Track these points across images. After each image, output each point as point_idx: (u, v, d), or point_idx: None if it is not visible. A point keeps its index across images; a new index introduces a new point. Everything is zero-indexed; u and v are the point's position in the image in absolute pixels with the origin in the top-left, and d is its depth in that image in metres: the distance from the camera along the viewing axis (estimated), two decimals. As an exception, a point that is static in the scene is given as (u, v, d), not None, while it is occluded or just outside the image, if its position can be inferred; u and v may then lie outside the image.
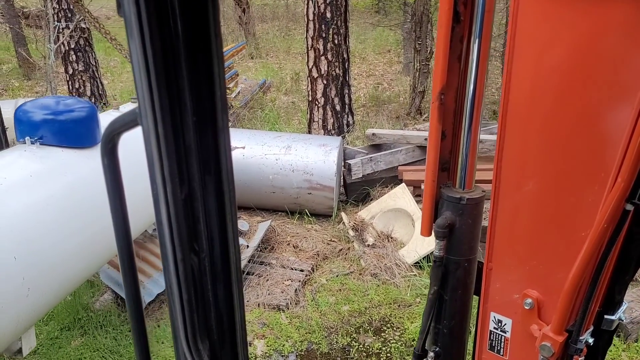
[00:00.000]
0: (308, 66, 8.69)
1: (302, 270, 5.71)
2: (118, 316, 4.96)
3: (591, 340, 1.59)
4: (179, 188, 0.79)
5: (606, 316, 1.61)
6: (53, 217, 3.67)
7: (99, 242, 4.01)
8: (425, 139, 6.77)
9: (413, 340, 4.69)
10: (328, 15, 8.28)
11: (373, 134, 7.40)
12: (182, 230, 0.82)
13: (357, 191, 7.00)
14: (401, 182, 6.60)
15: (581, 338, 1.56)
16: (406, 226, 6.15)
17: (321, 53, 8.47)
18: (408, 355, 4.60)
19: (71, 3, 8.84)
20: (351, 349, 4.68)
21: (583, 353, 1.60)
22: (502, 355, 1.80)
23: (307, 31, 8.51)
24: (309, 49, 8.57)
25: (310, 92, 8.83)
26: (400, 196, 6.36)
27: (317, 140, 6.99)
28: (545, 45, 1.41)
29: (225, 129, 0.79)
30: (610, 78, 1.35)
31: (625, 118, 1.33)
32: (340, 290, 5.47)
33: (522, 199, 1.57)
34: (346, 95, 8.84)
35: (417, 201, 6.18)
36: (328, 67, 8.53)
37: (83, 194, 3.90)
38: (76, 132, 4.10)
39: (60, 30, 9.81)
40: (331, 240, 6.37)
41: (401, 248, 5.97)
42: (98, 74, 10.86)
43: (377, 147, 7.40)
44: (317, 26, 8.35)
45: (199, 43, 0.72)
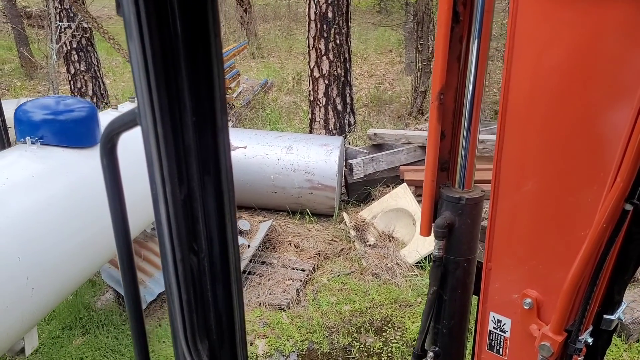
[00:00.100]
0: (310, 66, 8.69)
1: (304, 270, 5.71)
2: (119, 315, 4.97)
3: (590, 340, 1.59)
4: (178, 188, 0.80)
5: (605, 316, 1.61)
6: (55, 217, 3.69)
7: (100, 241, 4.02)
8: (426, 139, 6.77)
9: (414, 340, 4.69)
10: (330, 15, 8.28)
11: (374, 134, 7.40)
12: (182, 230, 0.82)
13: (359, 191, 7.00)
14: (402, 182, 6.60)
15: (580, 338, 1.56)
16: (407, 226, 6.16)
17: (323, 53, 8.47)
18: (409, 355, 4.60)
19: (70, 3, 8.85)
20: (352, 349, 4.68)
21: (582, 353, 1.60)
22: (502, 355, 1.81)
23: (309, 31, 8.51)
24: (311, 49, 8.57)
25: (311, 92, 8.83)
26: (401, 196, 6.36)
27: (319, 140, 7.00)
28: (544, 45, 1.41)
29: (224, 129, 0.80)
30: (609, 78, 1.35)
31: (624, 118, 1.33)
32: (341, 290, 5.47)
33: (522, 199, 1.58)
34: (348, 95, 8.84)
35: (419, 201, 6.17)
36: (330, 67, 8.53)
37: (84, 194, 3.91)
38: (76, 132, 4.10)
39: (62, 30, 9.82)
40: (332, 240, 6.37)
41: (402, 248, 5.97)
42: (100, 74, 10.87)
43: (379, 147, 7.40)
44: (319, 26, 8.35)
45: (199, 43, 0.72)
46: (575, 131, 1.43)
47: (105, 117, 4.49)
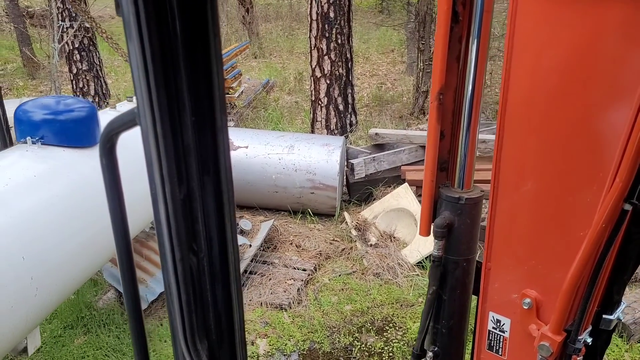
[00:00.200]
0: (311, 66, 8.70)
1: (305, 269, 5.72)
2: (121, 314, 4.98)
3: (589, 340, 1.59)
4: (178, 188, 0.79)
5: (605, 316, 1.61)
6: (57, 217, 3.70)
7: (102, 241, 4.04)
8: (428, 139, 6.76)
9: (415, 340, 4.69)
10: (331, 15, 8.29)
11: (376, 134, 7.40)
12: (181, 230, 0.82)
13: (360, 191, 7.00)
14: (404, 182, 6.60)
15: (580, 338, 1.56)
16: (409, 226, 6.16)
17: (324, 53, 8.47)
18: (410, 355, 4.60)
19: (69, 2, 8.85)
20: (353, 349, 4.68)
21: (581, 353, 1.60)
22: (501, 355, 1.81)
23: (311, 31, 8.51)
24: (312, 49, 8.57)
25: (313, 92, 8.83)
26: (403, 196, 6.36)
27: (320, 139, 7.00)
28: (543, 45, 1.42)
29: (224, 129, 0.80)
30: (608, 78, 1.36)
31: (623, 118, 1.33)
32: (342, 289, 5.48)
33: (521, 199, 1.58)
34: (349, 95, 8.84)
35: (420, 201, 6.17)
36: (331, 67, 8.53)
37: (85, 193, 3.92)
38: (77, 132, 4.11)
39: (64, 29, 9.84)
40: (334, 239, 6.37)
41: (404, 248, 5.97)
42: (102, 74, 10.89)
43: (380, 147, 7.40)
44: (321, 26, 8.36)
45: (198, 43, 0.72)
46: (574, 131, 1.43)
47: (103, 117, 4.50)
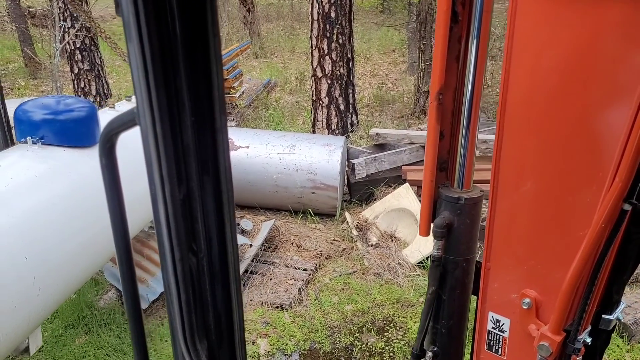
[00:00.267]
0: (312, 66, 8.70)
1: (306, 269, 5.72)
2: (122, 314, 4.98)
3: (589, 339, 1.59)
4: (177, 188, 0.79)
5: (604, 316, 1.61)
6: (59, 217, 3.71)
7: (103, 240, 4.04)
8: (429, 139, 6.77)
9: (415, 339, 4.69)
10: (332, 15, 8.29)
11: (377, 134, 7.40)
12: (181, 230, 0.82)
13: (361, 191, 7.00)
14: (405, 182, 6.60)
15: (579, 338, 1.56)
16: (410, 226, 6.15)
17: (325, 53, 8.47)
18: (410, 355, 4.60)
19: (68, 2, 8.85)
20: (354, 349, 4.69)
21: (581, 353, 1.60)
22: (500, 355, 1.81)
23: (312, 31, 8.51)
24: (313, 49, 8.57)
25: (314, 92, 8.84)
26: (403, 196, 6.36)
27: (321, 139, 7.00)
28: (543, 45, 1.42)
29: (223, 129, 0.80)
30: (608, 78, 1.36)
31: (623, 118, 1.33)
32: (343, 289, 5.48)
33: (521, 199, 1.58)
34: (350, 95, 8.84)
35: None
36: (332, 67, 8.53)
37: (86, 193, 3.92)
38: (77, 132, 4.11)
39: (65, 29, 9.85)
40: (334, 239, 6.37)
41: (404, 248, 5.97)
42: (103, 73, 10.90)
43: (381, 147, 7.40)
44: (322, 26, 8.36)
45: (197, 43, 0.72)
46: (574, 131, 1.44)
47: (102, 116, 4.49)
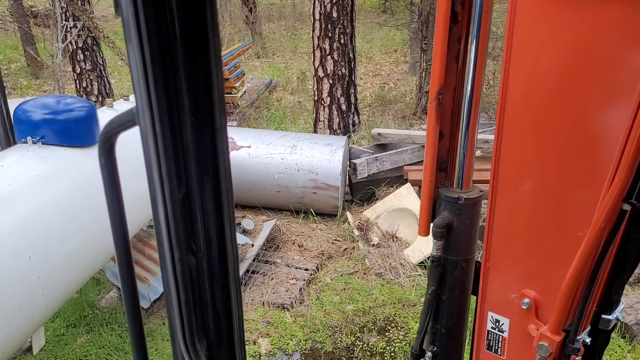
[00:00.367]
0: (314, 66, 8.70)
1: (307, 269, 5.72)
2: (123, 313, 4.99)
3: (588, 339, 1.59)
4: (177, 188, 0.79)
5: (603, 316, 1.60)
6: (61, 216, 3.72)
7: (105, 239, 4.05)
8: (430, 139, 6.77)
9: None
10: (334, 14, 8.29)
11: (379, 134, 7.40)
12: (180, 230, 0.82)
13: (363, 191, 7.01)
14: (406, 182, 6.60)
15: (578, 338, 1.56)
16: (411, 226, 6.16)
17: (327, 53, 8.47)
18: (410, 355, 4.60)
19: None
20: (355, 348, 4.69)
21: (580, 353, 1.60)
22: (500, 355, 1.81)
23: (314, 31, 8.52)
24: (315, 49, 8.57)
25: (316, 92, 8.84)
26: (405, 196, 6.36)
27: (323, 139, 7.00)
28: (542, 45, 1.42)
29: (223, 129, 0.80)
30: (607, 78, 1.36)
31: (622, 118, 1.33)
32: (344, 289, 5.48)
33: (520, 199, 1.58)
34: (352, 94, 8.84)
35: (422, 201, 6.16)
36: (334, 67, 8.53)
37: (87, 192, 3.93)
38: (77, 131, 4.12)
39: (68, 29, 9.86)
40: (336, 239, 6.37)
41: (406, 248, 5.97)
42: (105, 73, 10.91)
43: (383, 147, 7.40)
44: (324, 26, 8.36)
45: (197, 43, 0.72)
46: (573, 131, 1.44)
47: (101, 116, 4.49)
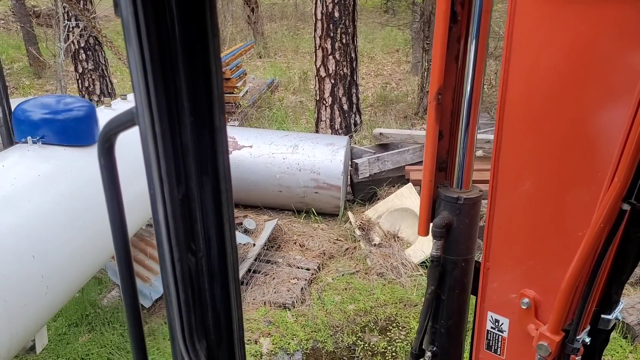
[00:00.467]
0: (316, 65, 8.70)
1: (308, 269, 5.73)
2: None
3: (588, 339, 1.60)
4: (176, 188, 0.80)
5: (603, 315, 1.61)
6: (63, 215, 3.73)
7: (106, 238, 4.06)
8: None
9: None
10: (336, 14, 8.29)
11: (380, 134, 7.40)
12: (179, 230, 0.82)
13: (364, 190, 7.01)
14: (408, 182, 6.60)
15: (578, 337, 1.56)
16: (413, 226, 6.15)
17: (329, 52, 8.47)
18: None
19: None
20: (357, 348, 4.69)
21: (580, 352, 1.60)
22: (500, 354, 1.81)
23: (315, 30, 8.52)
24: (317, 49, 8.58)
25: (317, 92, 8.84)
26: (407, 196, 6.36)
27: (325, 139, 7.01)
28: (541, 45, 1.42)
29: (222, 129, 0.80)
30: (606, 78, 1.36)
31: (621, 118, 1.33)
32: (346, 289, 5.49)
33: (519, 199, 1.58)
34: (354, 94, 8.84)
35: (424, 201, 6.16)
36: (336, 67, 8.54)
37: (88, 191, 3.94)
38: (77, 131, 4.12)
39: (70, 29, 9.87)
40: (337, 239, 6.38)
41: (407, 247, 5.98)
42: (107, 73, 10.92)
43: (385, 147, 7.40)
44: (325, 25, 8.36)
45: (197, 43, 0.72)
46: (572, 131, 1.44)
47: (99, 115, 4.49)
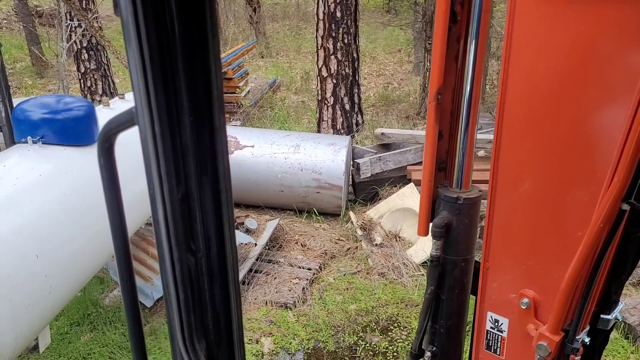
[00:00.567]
0: (318, 65, 8.71)
1: (310, 268, 5.73)
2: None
3: (587, 339, 1.60)
4: (176, 188, 0.80)
5: (602, 315, 1.61)
6: (65, 214, 3.74)
7: (107, 237, 4.07)
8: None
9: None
10: (338, 14, 8.29)
11: (382, 134, 7.40)
12: (179, 230, 0.82)
13: (366, 190, 7.01)
14: (410, 182, 6.60)
15: (577, 337, 1.56)
16: (414, 226, 6.11)
17: (331, 52, 8.48)
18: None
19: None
20: (358, 348, 4.70)
21: (579, 353, 1.60)
22: (499, 354, 1.81)
23: (317, 30, 8.52)
24: (319, 48, 8.58)
25: (319, 92, 8.84)
26: (408, 196, 6.36)
27: (326, 139, 7.01)
28: (541, 45, 1.42)
29: (222, 129, 0.80)
30: (606, 78, 1.36)
31: (621, 118, 1.33)
32: (347, 289, 5.49)
33: (519, 199, 1.58)
34: (355, 94, 8.84)
35: (425, 201, 6.16)
36: (338, 67, 8.54)
37: (89, 191, 3.95)
38: (77, 130, 4.13)
39: (72, 29, 9.89)
40: (339, 239, 6.38)
41: (409, 247, 5.97)
42: (110, 73, 10.93)
43: (386, 147, 7.40)
44: (327, 25, 8.36)
45: (197, 42, 0.72)
46: (572, 131, 1.44)
47: (98, 114, 4.50)
